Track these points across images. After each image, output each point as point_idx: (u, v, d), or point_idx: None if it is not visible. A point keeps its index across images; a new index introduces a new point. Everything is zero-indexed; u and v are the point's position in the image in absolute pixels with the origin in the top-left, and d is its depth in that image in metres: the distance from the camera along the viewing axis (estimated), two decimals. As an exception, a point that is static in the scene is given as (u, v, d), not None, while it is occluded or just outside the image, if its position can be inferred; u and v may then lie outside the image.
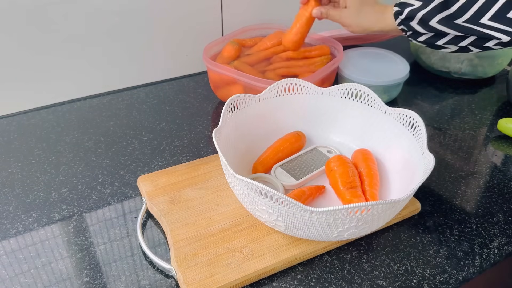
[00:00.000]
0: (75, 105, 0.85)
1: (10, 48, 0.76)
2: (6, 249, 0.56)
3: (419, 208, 0.61)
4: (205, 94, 0.89)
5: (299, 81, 0.68)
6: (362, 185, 0.60)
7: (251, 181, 0.47)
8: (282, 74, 0.82)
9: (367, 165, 0.62)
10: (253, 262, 0.52)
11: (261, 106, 0.67)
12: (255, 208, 0.51)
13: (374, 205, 0.45)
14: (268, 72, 0.83)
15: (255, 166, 0.64)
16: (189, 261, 0.52)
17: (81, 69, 0.84)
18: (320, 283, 0.52)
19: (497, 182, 0.68)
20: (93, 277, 0.52)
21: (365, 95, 0.66)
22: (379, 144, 0.66)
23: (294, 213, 0.47)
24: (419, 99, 0.90)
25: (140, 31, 0.86)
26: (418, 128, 0.59)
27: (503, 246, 0.57)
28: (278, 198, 0.46)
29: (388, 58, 0.89)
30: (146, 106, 0.85)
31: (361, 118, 0.68)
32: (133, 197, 0.64)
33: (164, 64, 0.92)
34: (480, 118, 0.84)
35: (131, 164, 0.70)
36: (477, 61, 0.91)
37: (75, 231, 0.58)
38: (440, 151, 0.74)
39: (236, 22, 0.94)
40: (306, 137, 0.70)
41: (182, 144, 0.75)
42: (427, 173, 0.50)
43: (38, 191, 0.65)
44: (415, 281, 0.52)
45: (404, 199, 0.47)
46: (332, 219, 0.47)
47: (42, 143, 0.74)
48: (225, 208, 0.59)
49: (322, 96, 0.69)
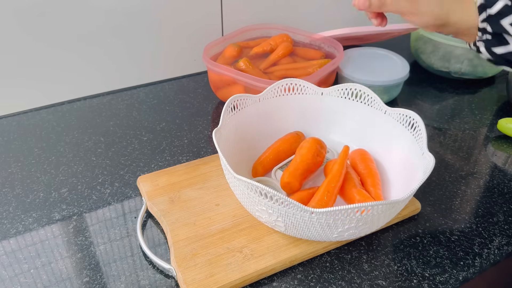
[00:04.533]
0: (75, 105, 0.85)
1: (10, 48, 0.76)
2: (6, 249, 0.56)
3: (419, 208, 0.61)
4: (205, 94, 0.89)
5: (299, 81, 0.68)
6: (365, 185, 0.60)
7: (251, 182, 0.47)
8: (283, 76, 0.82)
9: (367, 165, 0.62)
10: (253, 262, 0.52)
11: (261, 106, 0.67)
12: (255, 208, 0.51)
13: (374, 206, 0.45)
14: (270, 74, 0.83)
15: (255, 167, 0.64)
16: (189, 261, 0.52)
17: (81, 69, 0.84)
18: (320, 283, 0.52)
19: (497, 182, 0.68)
20: (93, 277, 0.52)
21: (365, 95, 0.66)
22: (379, 144, 0.66)
23: (294, 214, 0.47)
24: (419, 99, 0.90)
25: (140, 31, 0.86)
26: (418, 128, 0.59)
27: (503, 246, 0.57)
28: (278, 198, 0.46)
29: (388, 58, 0.89)
30: (146, 106, 0.85)
31: (361, 118, 0.68)
32: (133, 197, 0.64)
33: (164, 64, 0.92)
34: (480, 118, 0.84)
35: (131, 164, 0.70)
36: (477, 61, 0.91)
37: (75, 231, 0.58)
38: (440, 151, 0.74)
39: (236, 22, 0.94)
40: (305, 137, 0.70)
41: (182, 144, 0.75)
42: (427, 173, 0.50)
43: (38, 191, 0.65)
44: (415, 281, 0.52)
45: (404, 199, 0.47)
46: (332, 220, 0.47)
47: (42, 143, 0.74)
48: (225, 208, 0.59)
49: (322, 96, 0.69)
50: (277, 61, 0.85)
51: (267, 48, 0.87)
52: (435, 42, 0.92)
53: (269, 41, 0.87)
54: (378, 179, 0.61)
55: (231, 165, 0.51)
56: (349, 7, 1.08)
